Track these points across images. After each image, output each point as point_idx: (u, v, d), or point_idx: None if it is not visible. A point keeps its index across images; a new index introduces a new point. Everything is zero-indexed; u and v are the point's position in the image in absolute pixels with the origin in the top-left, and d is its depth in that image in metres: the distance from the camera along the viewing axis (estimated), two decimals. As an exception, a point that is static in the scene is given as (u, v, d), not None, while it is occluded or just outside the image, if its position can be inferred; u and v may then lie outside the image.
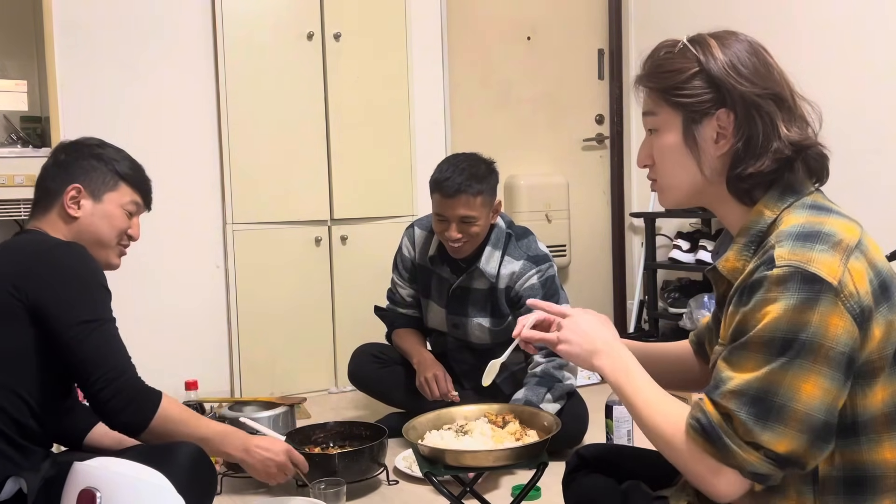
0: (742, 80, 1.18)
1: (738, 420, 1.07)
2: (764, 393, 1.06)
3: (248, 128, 3.46)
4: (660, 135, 1.25)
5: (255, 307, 3.50)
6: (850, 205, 1.19)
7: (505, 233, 2.75)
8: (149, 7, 3.34)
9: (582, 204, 4.27)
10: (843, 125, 3.16)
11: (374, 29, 3.66)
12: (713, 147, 1.20)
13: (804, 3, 3.39)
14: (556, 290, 2.69)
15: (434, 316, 2.90)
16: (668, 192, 1.28)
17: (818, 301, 1.05)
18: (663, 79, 1.22)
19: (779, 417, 1.05)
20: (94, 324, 1.64)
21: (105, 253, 1.85)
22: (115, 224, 1.85)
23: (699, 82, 1.19)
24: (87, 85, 3.24)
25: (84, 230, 1.81)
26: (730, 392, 1.08)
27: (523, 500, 1.67)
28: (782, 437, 1.05)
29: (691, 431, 1.12)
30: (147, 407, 1.66)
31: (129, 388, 1.64)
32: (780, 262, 1.07)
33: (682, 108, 1.21)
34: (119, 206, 1.85)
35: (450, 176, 2.60)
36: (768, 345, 1.06)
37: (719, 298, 1.29)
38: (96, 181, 1.83)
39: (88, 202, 1.81)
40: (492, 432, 1.61)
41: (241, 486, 2.46)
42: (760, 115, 1.18)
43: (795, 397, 1.04)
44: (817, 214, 1.14)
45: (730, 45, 1.21)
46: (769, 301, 1.07)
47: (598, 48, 4.32)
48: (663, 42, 1.27)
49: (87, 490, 1.43)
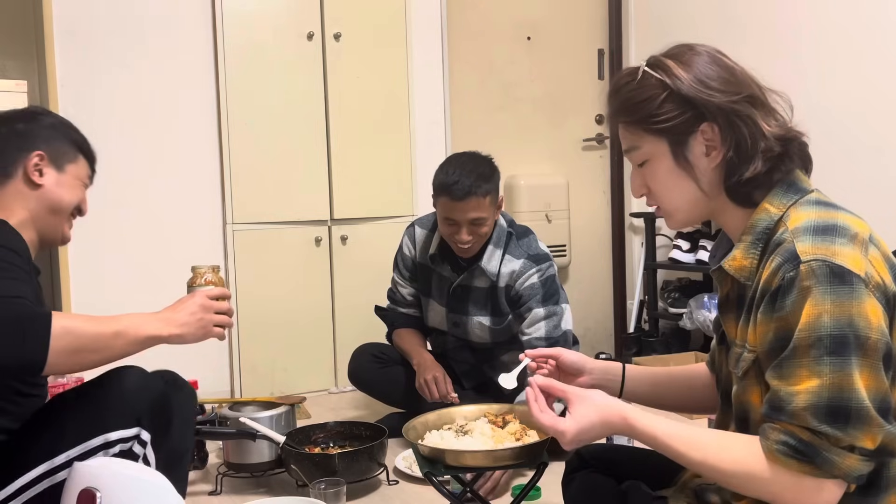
0: (713, 92, 1.18)
1: (824, 432, 1.05)
2: (837, 401, 1.05)
3: (248, 128, 3.46)
4: (650, 164, 1.25)
5: (255, 307, 3.50)
6: (851, 204, 1.20)
7: (506, 231, 2.75)
8: (149, 7, 3.34)
9: (582, 204, 4.27)
10: (844, 125, 3.16)
11: (374, 29, 3.66)
12: (705, 161, 1.21)
13: (805, 2, 3.39)
14: (556, 290, 2.68)
15: (434, 315, 2.91)
16: (674, 216, 1.28)
17: (853, 294, 1.05)
18: (636, 110, 1.23)
19: (859, 419, 1.05)
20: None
21: (59, 223, 1.80)
22: (75, 195, 1.82)
23: (671, 105, 1.20)
24: (87, 85, 3.24)
25: (46, 198, 1.76)
26: (802, 409, 1.06)
27: (523, 500, 1.67)
28: (868, 435, 1.05)
29: (782, 458, 1.08)
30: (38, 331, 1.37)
31: (9, 314, 1.37)
32: (806, 256, 1.07)
33: (663, 133, 1.21)
34: (78, 178, 1.83)
35: (458, 179, 2.56)
36: (817, 346, 1.06)
37: (722, 299, 1.29)
38: (58, 150, 1.79)
39: (51, 171, 1.77)
40: (492, 432, 1.61)
41: (241, 486, 2.46)
42: (741, 119, 1.18)
43: (864, 396, 1.05)
44: (826, 210, 1.15)
45: (690, 62, 1.21)
46: (804, 299, 1.06)
47: (598, 48, 4.32)
48: (622, 73, 1.28)
49: (87, 490, 1.43)
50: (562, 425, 1.23)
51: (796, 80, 3.35)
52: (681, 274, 3.98)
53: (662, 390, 1.51)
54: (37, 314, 1.40)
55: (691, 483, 1.35)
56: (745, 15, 3.59)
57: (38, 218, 1.76)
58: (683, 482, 1.38)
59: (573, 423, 1.23)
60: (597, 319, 4.36)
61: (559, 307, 2.66)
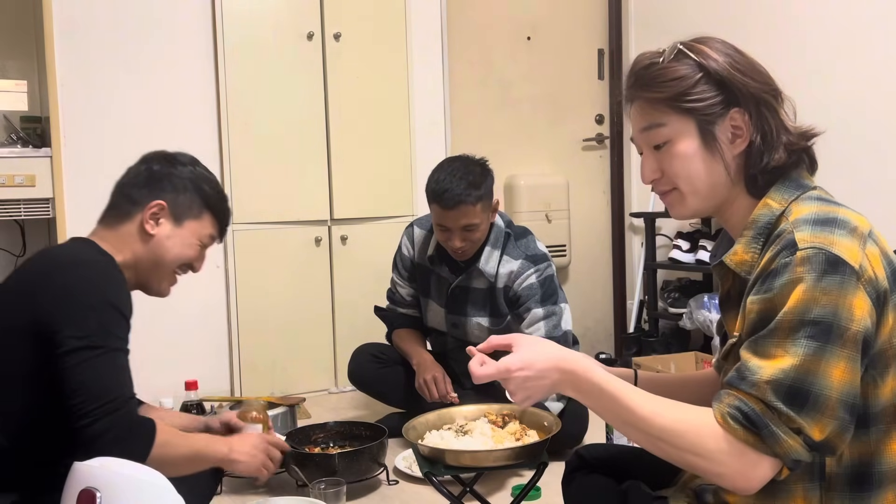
0: (746, 79, 1.19)
1: (776, 409, 1.06)
2: (800, 382, 1.05)
3: (248, 128, 3.46)
4: (673, 144, 1.21)
5: (255, 307, 3.50)
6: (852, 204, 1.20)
7: (504, 232, 2.75)
8: (148, 7, 3.34)
9: (582, 204, 4.27)
10: (844, 125, 3.16)
11: (374, 29, 3.66)
12: (730, 147, 1.21)
13: (805, 2, 3.39)
14: (554, 290, 2.68)
15: (433, 315, 2.90)
16: (689, 200, 1.24)
17: (843, 283, 1.05)
18: (667, 87, 1.20)
19: (816, 405, 1.05)
20: (94, 351, 1.49)
21: (158, 278, 1.76)
22: (186, 253, 1.76)
23: (706, 86, 1.19)
24: (87, 85, 3.24)
25: (153, 251, 1.72)
26: (765, 382, 1.06)
27: (523, 500, 1.67)
28: (819, 424, 1.05)
29: (731, 422, 1.08)
30: (143, 441, 1.52)
31: (123, 421, 1.49)
32: (803, 244, 1.08)
33: (693, 113, 1.20)
34: (196, 236, 1.77)
35: (448, 187, 2.55)
36: (796, 328, 1.06)
37: (723, 296, 1.29)
38: (182, 204, 1.74)
39: (168, 223, 1.73)
40: (492, 432, 1.61)
41: (241, 486, 2.46)
42: (769, 110, 1.20)
43: (829, 385, 1.05)
44: (827, 205, 1.15)
45: (719, 48, 1.21)
46: (795, 283, 1.06)
47: (598, 48, 4.32)
48: (644, 54, 1.26)
49: (87, 490, 1.43)
50: (503, 362, 1.21)
51: (797, 80, 3.34)
52: (681, 274, 3.98)
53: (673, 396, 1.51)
54: (146, 425, 1.53)
55: (692, 483, 1.35)
56: (746, 15, 3.59)
57: (140, 265, 1.72)
58: (683, 482, 1.38)
59: (517, 358, 1.21)
60: (597, 319, 4.36)
61: (558, 307, 2.66)
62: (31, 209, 3.05)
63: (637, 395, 1.16)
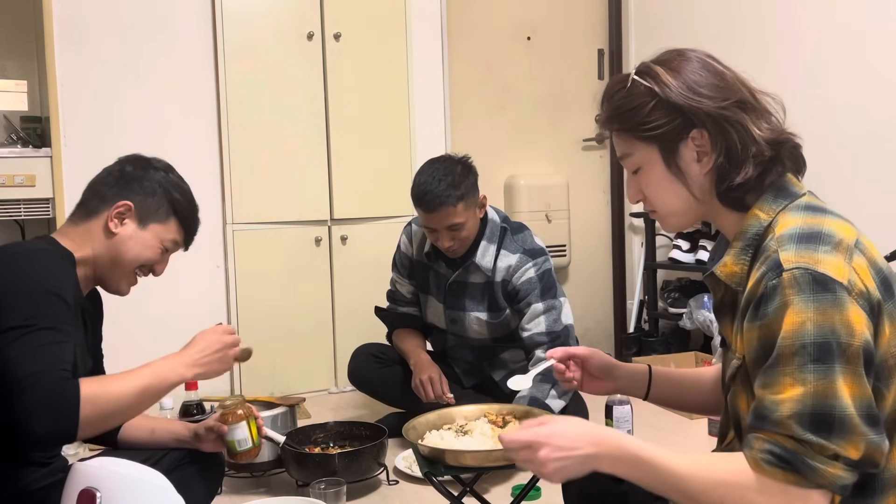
0: (702, 98, 1.19)
1: (808, 441, 1.05)
2: (820, 408, 1.04)
3: (248, 128, 3.46)
4: (643, 171, 1.26)
5: (255, 307, 3.50)
6: (851, 205, 1.20)
7: (500, 227, 2.75)
8: (149, 7, 3.33)
9: (582, 204, 4.27)
10: (844, 125, 3.16)
11: (374, 29, 3.66)
12: (697, 167, 1.22)
13: (805, 2, 3.39)
14: (552, 284, 2.69)
15: (433, 311, 2.91)
16: (668, 220, 1.30)
17: (835, 301, 1.05)
18: (626, 118, 1.24)
19: (843, 427, 1.04)
20: (21, 330, 1.43)
21: (117, 277, 1.75)
22: (145, 255, 1.75)
23: (661, 112, 1.21)
24: (87, 85, 3.24)
25: (113, 248, 1.72)
26: (787, 417, 1.05)
27: (523, 500, 1.67)
28: (852, 444, 1.04)
29: (766, 467, 1.07)
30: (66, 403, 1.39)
31: (42, 391, 1.38)
32: (788, 265, 1.08)
33: (654, 140, 1.23)
34: (159, 240, 1.77)
35: (428, 189, 2.57)
36: (801, 354, 1.05)
37: (717, 304, 1.30)
38: (150, 207, 1.75)
39: (132, 224, 1.73)
40: (491, 432, 1.61)
41: (241, 486, 2.46)
42: (731, 125, 1.19)
43: (849, 403, 1.04)
44: (813, 215, 1.15)
45: (679, 68, 1.22)
46: (786, 306, 1.06)
47: (598, 48, 4.32)
48: (613, 80, 1.29)
49: (87, 490, 1.43)
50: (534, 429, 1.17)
51: (797, 80, 3.35)
52: (681, 274, 3.98)
53: (686, 392, 1.52)
54: (66, 388, 1.41)
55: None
56: (746, 15, 3.59)
57: (98, 261, 1.72)
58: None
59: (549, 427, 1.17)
60: (597, 319, 4.36)
61: (557, 301, 2.67)
62: (31, 209, 3.05)
63: (672, 455, 1.14)
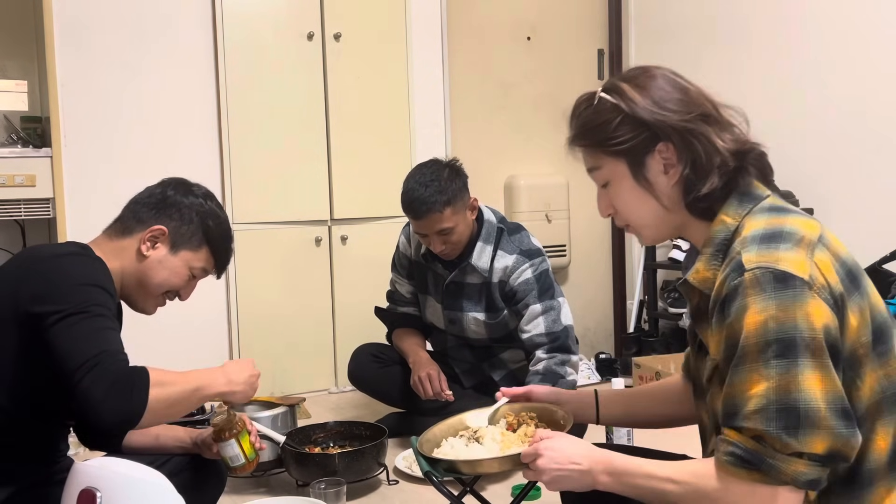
0: (667, 112, 1.22)
1: (772, 437, 1.06)
2: (784, 402, 1.05)
3: (248, 128, 3.46)
4: (612, 185, 1.30)
5: (255, 307, 3.50)
6: (851, 205, 1.21)
7: (496, 227, 2.75)
8: (149, 7, 3.33)
9: (582, 204, 4.26)
10: (845, 126, 3.16)
11: (374, 29, 3.66)
12: (664, 179, 1.25)
13: (805, 2, 3.39)
14: (550, 284, 2.69)
15: (432, 312, 2.91)
16: (643, 232, 1.34)
17: (796, 297, 1.07)
18: (593, 134, 1.28)
19: (807, 421, 1.05)
20: (77, 316, 1.47)
21: (143, 298, 1.76)
22: (173, 280, 1.76)
23: (627, 127, 1.24)
24: (87, 85, 3.24)
25: (141, 271, 1.73)
26: (751, 413, 1.07)
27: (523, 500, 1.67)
28: (817, 438, 1.05)
29: (730, 467, 1.10)
30: (138, 386, 1.44)
31: (108, 373, 1.42)
32: (750, 265, 1.10)
33: (621, 154, 1.26)
34: (187, 266, 1.78)
35: (415, 196, 2.57)
36: (764, 351, 1.07)
37: (693, 311, 1.32)
38: (183, 234, 1.76)
39: (164, 249, 1.74)
40: (501, 437, 1.61)
41: (242, 485, 2.46)
42: (696, 137, 1.22)
43: (813, 397, 1.05)
44: (777, 216, 1.18)
45: (645, 85, 1.25)
46: (748, 306, 1.08)
47: (598, 48, 4.32)
48: (580, 98, 1.34)
49: (87, 490, 1.43)
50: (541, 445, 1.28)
51: (798, 79, 3.35)
52: (680, 274, 3.97)
53: (638, 409, 1.58)
54: (137, 370, 1.46)
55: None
56: (746, 14, 3.59)
57: (126, 281, 1.73)
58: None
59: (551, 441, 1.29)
60: (597, 319, 4.36)
61: (556, 301, 2.67)
62: (31, 209, 3.05)
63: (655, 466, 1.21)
